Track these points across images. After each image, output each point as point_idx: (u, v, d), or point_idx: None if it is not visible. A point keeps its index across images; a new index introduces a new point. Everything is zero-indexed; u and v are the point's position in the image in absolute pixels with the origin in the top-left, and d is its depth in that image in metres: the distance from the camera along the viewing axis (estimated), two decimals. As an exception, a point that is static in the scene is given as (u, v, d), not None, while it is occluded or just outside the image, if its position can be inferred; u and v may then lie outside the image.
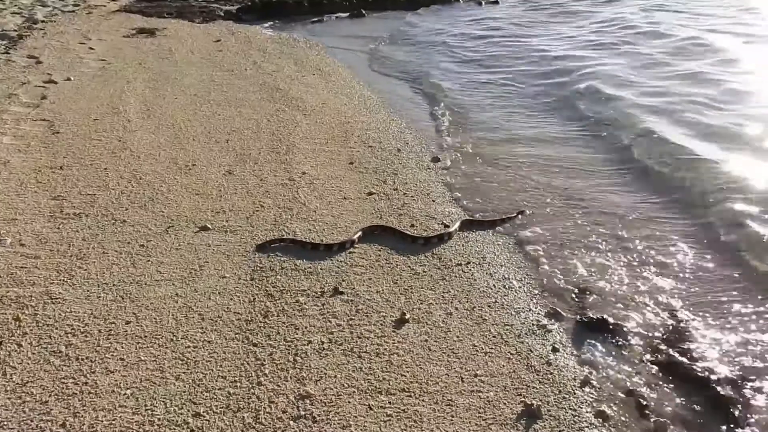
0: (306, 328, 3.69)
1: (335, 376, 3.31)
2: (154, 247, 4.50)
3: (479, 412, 3.11)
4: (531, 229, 4.98)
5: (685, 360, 3.47)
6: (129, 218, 4.89)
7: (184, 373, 3.30)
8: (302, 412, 3.06)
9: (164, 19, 13.93)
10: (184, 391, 3.17)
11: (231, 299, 3.95)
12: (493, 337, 3.69)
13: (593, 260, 4.52)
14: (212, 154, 6.25)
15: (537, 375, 3.38)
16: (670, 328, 3.78)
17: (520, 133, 7.30)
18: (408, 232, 4.78)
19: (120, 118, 7.23)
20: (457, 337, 3.67)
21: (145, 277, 4.14)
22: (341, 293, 4.04)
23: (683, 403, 3.23)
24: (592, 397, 3.24)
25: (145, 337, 3.56)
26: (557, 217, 5.20)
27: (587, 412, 3.14)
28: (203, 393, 3.16)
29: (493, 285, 4.22)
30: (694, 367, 3.41)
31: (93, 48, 10.76)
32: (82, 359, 3.35)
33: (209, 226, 4.81)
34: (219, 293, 4.00)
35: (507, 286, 4.20)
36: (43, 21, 12.71)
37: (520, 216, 5.18)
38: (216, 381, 3.25)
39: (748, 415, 3.14)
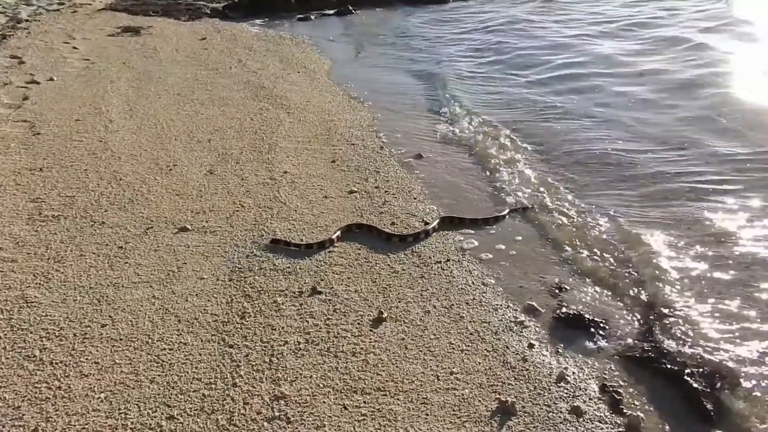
0: (283, 328, 3.69)
1: (311, 377, 3.31)
2: (132, 248, 4.49)
3: (454, 410, 3.12)
4: (511, 226, 4.99)
5: (660, 353, 3.49)
6: (108, 220, 4.87)
7: (158, 375, 3.29)
8: (277, 413, 3.06)
9: (150, 17, 13.84)
10: (158, 394, 3.16)
11: (208, 300, 3.94)
12: (470, 334, 3.69)
13: (571, 255, 4.54)
14: (194, 154, 6.23)
15: (512, 371, 3.39)
16: (647, 322, 3.79)
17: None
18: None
19: (102, 118, 7.19)
20: (434, 335, 3.68)
21: (122, 279, 4.12)
22: (319, 293, 4.04)
23: (658, 397, 3.25)
24: (567, 393, 3.25)
25: (121, 340, 3.55)
26: (535, 213, 5.21)
27: (562, 407, 3.15)
28: (177, 395, 3.16)
29: (472, 282, 4.22)
30: (669, 360, 3.43)
31: (77, 47, 10.69)
32: (56, 363, 3.34)
33: (188, 226, 4.79)
34: (196, 295, 3.99)
35: (485, 283, 4.21)
36: (27, 20, 12.61)
37: (521, 212, 5.23)
38: (191, 383, 3.24)
39: (722, 410, 3.15)
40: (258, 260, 4.39)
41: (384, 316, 3.80)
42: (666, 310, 3.87)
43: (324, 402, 3.14)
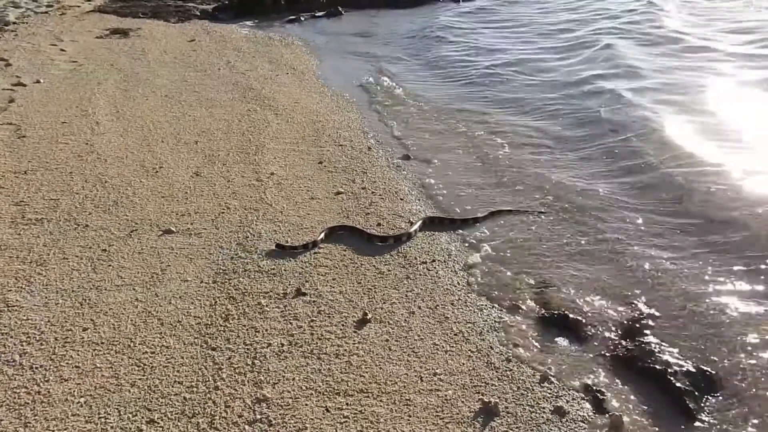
0: (266, 330, 3.67)
1: (293, 379, 3.29)
2: (116, 251, 4.46)
3: (437, 411, 3.11)
4: (494, 226, 4.98)
5: (643, 353, 3.48)
6: (92, 223, 4.84)
7: (140, 379, 3.27)
8: (258, 416, 3.05)
9: (139, 19, 13.75)
10: (138, 398, 3.14)
11: (192, 303, 3.91)
12: (455, 335, 3.68)
13: (557, 255, 4.53)
14: (180, 156, 6.19)
15: (496, 372, 3.38)
16: (631, 321, 3.79)
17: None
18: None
19: (88, 120, 7.14)
20: (419, 336, 3.66)
21: (105, 282, 4.10)
22: (304, 294, 4.02)
23: (641, 397, 3.24)
24: (550, 393, 3.24)
25: (102, 343, 3.52)
26: (521, 211, 5.20)
27: (545, 408, 3.14)
28: (158, 399, 3.13)
29: (457, 282, 4.21)
30: (652, 360, 3.42)
31: (65, 50, 10.61)
32: (36, 368, 3.31)
33: (173, 229, 4.77)
34: (180, 297, 3.97)
35: (470, 283, 4.20)
36: (14, 22, 12.52)
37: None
38: (172, 386, 3.22)
39: (704, 408, 3.15)
40: (243, 262, 4.37)
41: (368, 318, 3.79)
42: (650, 310, 3.87)
43: (306, 404, 3.12)
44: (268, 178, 5.72)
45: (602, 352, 3.56)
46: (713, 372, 3.35)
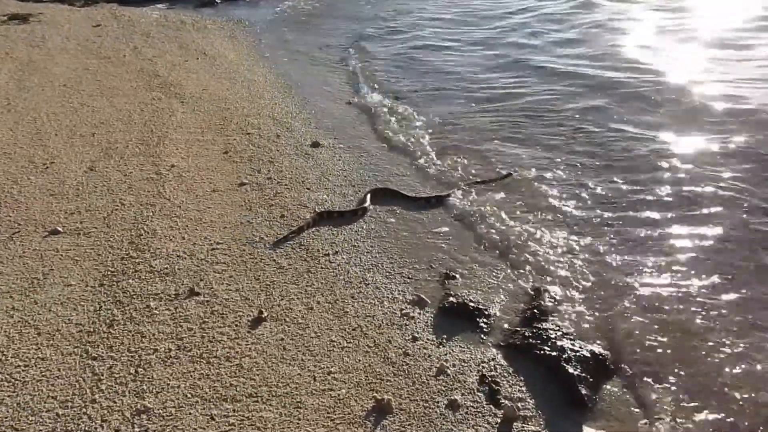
0: (154, 335, 3.48)
1: (178, 387, 3.12)
2: (-7, 256, 4.15)
3: (328, 412, 3.00)
4: (393, 215, 4.90)
5: (540, 340, 3.46)
6: (-31, 226, 4.49)
7: (9, 396, 3.03)
8: (137, 429, 2.87)
9: (41, 4, 13.01)
10: (5, 417, 2.91)
11: (74, 309, 3.67)
12: (353, 330, 3.58)
13: (458, 245, 4.49)
14: (74, 150, 5.84)
15: (393, 367, 3.30)
16: (530, 308, 3.77)
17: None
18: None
19: (-25, 114, 6.67)
20: (315, 333, 3.54)
21: (-22, 291, 3.80)
22: (197, 294, 3.83)
23: (536, 385, 3.21)
24: (445, 386, 3.18)
25: (-31, 359, 3.25)
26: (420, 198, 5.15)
27: (439, 402, 3.08)
28: (28, 417, 2.91)
29: (359, 274, 4.10)
30: (549, 347, 3.40)
31: (-45, 37, 9.93)
32: None
33: (60, 229, 4.48)
34: (61, 304, 3.71)
35: (373, 275, 4.09)
36: None
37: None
38: (44, 402, 3.00)
39: (597, 395, 3.15)
40: (134, 262, 4.13)
41: (264, 316, 3.64)
42: (548, 297, 3.86)
43: (190, 413, 2.96)
44: (168, 171, 5.46)
45: (500, 341, 3.52)
46: (608, 357, 3.36)
